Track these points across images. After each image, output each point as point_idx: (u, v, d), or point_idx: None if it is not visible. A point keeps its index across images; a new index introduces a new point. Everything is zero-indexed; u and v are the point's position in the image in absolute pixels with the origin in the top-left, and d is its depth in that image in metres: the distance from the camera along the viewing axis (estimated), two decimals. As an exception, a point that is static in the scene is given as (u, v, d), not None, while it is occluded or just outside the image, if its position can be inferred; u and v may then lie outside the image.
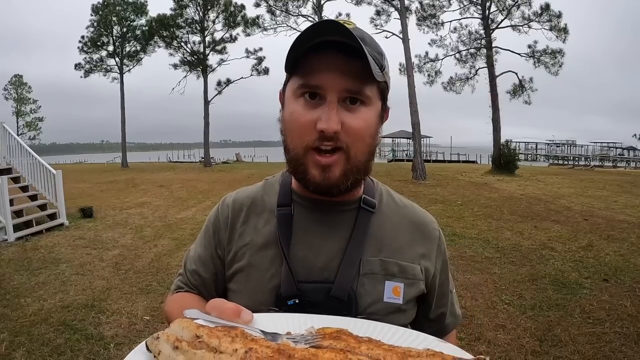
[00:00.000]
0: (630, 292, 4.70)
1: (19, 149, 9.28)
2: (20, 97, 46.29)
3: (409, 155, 37.34)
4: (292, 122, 0.80)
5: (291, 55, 0.76)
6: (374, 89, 0.79)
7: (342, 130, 0.76)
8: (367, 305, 0.83)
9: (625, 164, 40.27)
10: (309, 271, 0.84)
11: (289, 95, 0.82)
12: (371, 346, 0.59)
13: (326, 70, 0.75)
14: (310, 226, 0.88)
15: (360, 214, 0.89)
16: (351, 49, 0.73)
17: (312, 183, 0.80)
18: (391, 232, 0.91)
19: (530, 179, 18.01)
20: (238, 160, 40.65)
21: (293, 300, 0.81)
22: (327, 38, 0.73)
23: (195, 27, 30.36)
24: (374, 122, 0.81)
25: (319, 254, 0.86)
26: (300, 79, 0.78)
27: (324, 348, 0.59)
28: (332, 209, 0.89)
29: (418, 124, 18.81)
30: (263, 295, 0.85)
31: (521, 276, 5.27)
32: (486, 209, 10.08)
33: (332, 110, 0.75)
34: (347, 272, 0.83)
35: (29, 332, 3.86)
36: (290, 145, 0.81)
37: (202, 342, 0.57)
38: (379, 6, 23.41)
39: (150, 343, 0.60)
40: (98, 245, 7.12)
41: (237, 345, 0.56)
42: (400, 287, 0.86)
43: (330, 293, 0.82)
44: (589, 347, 3.50)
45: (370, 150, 0.83)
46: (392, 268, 0.87)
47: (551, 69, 23.70)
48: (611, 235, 7.26)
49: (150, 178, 20.01)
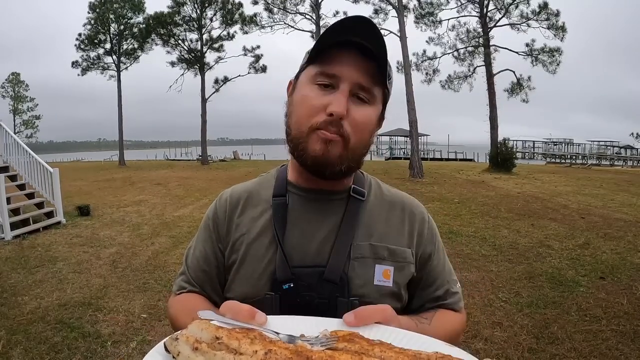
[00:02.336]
0: (626, 290, 4.72)
1: (16, 147, 9.25)
2: (18, 95, 46.13)
3: (407, 153, 37.43)
4: (303, 103, 0.86)
5: (319, 45, 0.83)
6: (379, 92, 0.87)
7: (347, 119, 0.83)
8: (358, 288, 0.87)
9: (622, 162, 40.37)
10: (303, 256, 0.89)
11: (303, 81, 0.88)
12: (383, 349, 0.61)
13: (345, 63, 0.82)
14: (303, 214, 0.93)
15: (350, 201, 0.94)
16: (370, 51, 0.80)
17: (312, 157, 0.85)
18: (380, 218, 0.96)
19: (527, 177, 18.04)
20: (235, 158, 40.59)
21: (288, 285, 0.86)
22: (355, 38, 0.80)
23: (192, 25, 30.27)
24: (374, 121, 0.89)
25: (312, 240, 0.90)
26: (319, 67, 0.84)
27: (339, 350, 0.60)
28: (324, 198, 0.94)
29: (415, 122, 18.82)
30: (260, 281, 0.88)
31: (518, 274, 5.29)
32: (483, 207, 10.10)
33: (344, 97, 0.82)
34: (339, 256, 0.88)
35: (26, 330, 3.85)
36: (295, 125, 0.87)
37: (222, 343, 0.58)
38: (377, 4, 23.39)
39: (169, 344, 0.60)
40: (95, 243, 7.11)
41: (256, 346, 0.57)
42: (390, 271, 0.91)
43: (323, 276, 0.86)
44: (585, 345, 3.51)
45: (367, 145, 0.89)
46: (382, 252, 0.91)
47: (549, 67, 23.75)
48: (608, 234, 7.28)
49: (147, 176, 19.98)
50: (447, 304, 0.99)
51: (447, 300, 0.99)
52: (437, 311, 0.96)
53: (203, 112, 30.89)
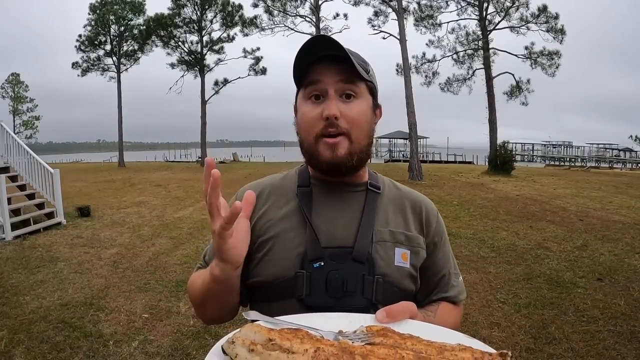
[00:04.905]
0: (624, 291, 4.76)
1: (16, 148, 9.28)
2: (17, 96, 46.12)
3: (406, 155, 37.43)
4: (304, 119, 0.97)
5: (297, 69, 0.96)
6: (362, 86, 0.97)
7: (342, 118, 0.93)
8: (381, 268, 0.95)
9: (621, 165, 40.43)
10: (330, 238, 0.96)
11: (300, 102, 1.00)
12: (414, 342, 0.68)
13: (324, 74, 0.94)
14: (327, 203, 1.02)
15: (369, 194, 1.04)
16: (340, 57, 0.91)
17: (324, 162, 0.95)
18: (395, 209, 1.05)
19: (526, 179, 18.09)
20: (235, 160, 40.60)
21: (319, 263, 0.92)
22: (323, 53, 0.92)
23: (192, 27, 30.34)
24: (367, 112, 0.98)
25: (337, 225, 0.98)
26: (306, 85, 0.97)
27: (377, 344, 0.66)
28: (344, 189, 1.03)
29: (415, 124, 18.87)
30: (290, 261, 0.94)
31: (516, 275, 5.32)
32: (482, 209, 10.14)
33: (332, 101, 0.93)
34: (364, 238, 0.96)
35: (28, 329, 3.88)
36: (304, 138, 0.99)
37: (275, 344, 0.64)
38: (377, 7, 23.45)
39: (227, 347, 0.66)
40: (96, 244, 7.14)
41: (306, 345, 0.62)
42: (407, 254, 1.00)
43: (352, 256, 0.94)
44: (582, 345, 3.54)
45: (369, 134, 0.99)
46: (400, 237, 1.01)
47: (548, 70, 23.81)
48: (606, 236, 7.32)
49: (147, 177, 20.01)
50: (449, 296, 1.07)
51: (448, 293, 1.07)
52: (440, 304, 1.05)
53: (203, 113, 30.93)
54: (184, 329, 3.93)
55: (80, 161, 52.56)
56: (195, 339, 3.72)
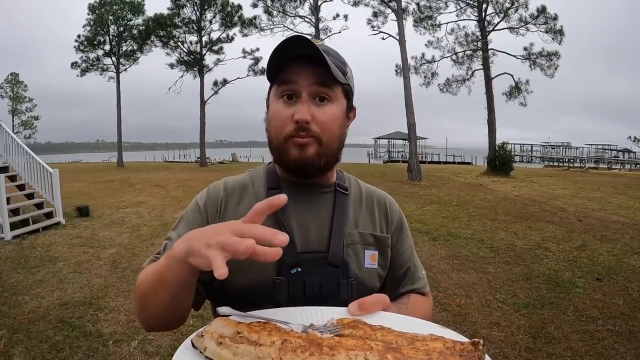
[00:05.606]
0: (623, 291, 4.77)
1: (15, 147, 9.26)
2: (16, 96, 46.07)
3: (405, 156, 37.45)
4: (274, 117, 0.96)
5: (272, 65, 0.93)
6: (338, 89, 0.95)
7: (313, 122, 0.92)
8: (353, 270, 0.98)
9: (620, 165, 40.48)
10: (304, 243, 0.97)
11: (272, 98, 0.98)
12: (384, 333, 0.68)
13: (299, 73, 0.92)
14: (298, 205, 1.00)
15: (337, 195, 1.04)
16: (317, 59, 0.89)
17: (292, 161, 0.94)
18: (362, 209, 1.07)
19: (525, 180, 18.11)
20: (234, 160, 40.62)
21: (296, 269, 0.92)
22: (300, 52, 0.90)
23: (192, 27, 30.35)
24: (340, 117, 0.97)
25: (309, 228, 0.99)
26: (280, 83, 0.95)
27: (346, 336, 0.66)
28: (314, 191, 1.03)
29: (414, 125, 18.89)
30: (266, 267, 0.91)
31: (515, 275, 5.33)
32: (481, 210, 10.15)
33: (304, 104, 0.91)
34: (337, 242, 0.97)
35: (27, 329, 3.87)
36: (273, 137, 0.97)
37: (243, 337, 0.64)
38: (376, 8, 23.46)
39: (196, 340, 0.66)
40: (95, 243, 7.14)
41: (274, 337, 0.63)
42: (375, 255, 1.03)
43: (327, 260, 0.95)
44: (581, 344, 3.55)
45: (339, 139, 0.98)
46: (369, 239, 1.04)
47: (547, 71, 23.84)
48: (605, 236, 7.33)
49: (146, 177, 19.99)
50: (416, 288, 1.10)
51: (416, 285, 1.10)
52: (410, 297, 1.07)
53: (202, 114, 30.92)
54: (183, 328, 3.91)
55: (79, 161, 52.55)
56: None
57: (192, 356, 0.66)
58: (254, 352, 0.61)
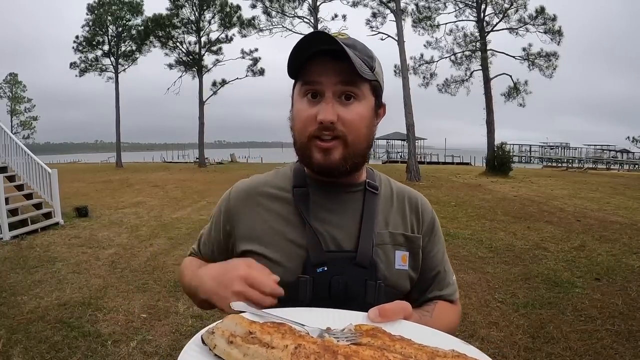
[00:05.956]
0: (621, 290, 4.77)
1: (14, 148, 9.25)
2: (15, 96, 45.99)
3: (404, 156, 37.46)
4: (297, 118, 0.93)
5: (293, 63, 0.89)
6: (365, 86, 0.91)
7: (339, 122, 0.88)
8: (383, 271, 0.95)
9: (618, 166, 40.54)
10: (331, 242, 0.95)
11: (295, 97, 0.95)
12: (404, 345, 0.65)
13: (323, 72, 0.88)
14: (325, 204, 0.98)
15: (367, 195, 1.01)
16: (342, 54, 0.84)
17: (316, 165, 0.92)
18: (393, 209, 1.04)
19: (524, 180, 18.13)
20: (232, 161, 40.61)
21: (322, 268, 0.91)
22: (323, 47, 0.86)
23: (191, 27, 30.34)
24: (367, 115, 0.92)
25: (337, 227, 0.96)
26: (303, 81, 0.91)
27: (363, 345, 0.64)
28: (341, 191, 1.00)
29: (412, 125, 18.90)
30: (291, 266, 0.93)
31: (514, 275, 5.33)
32: (480, 210, 10.16)
33: (329, 104, 0.88)
34: (366, 242, 0.94)
35: (26, 329, 3.87)
36: (297, 137, 0.95)
37: (255, 337, 0.62)
38: (375, 8, 23.49)
39: (206, 337, 0.65)
40: (94, 244, 7.13)
41: (287, 341, 0.61)
42: (406, 256, 0.99)
43: (355, 260, 0.92)
44: (580, 344, 3.55)
45: (367, 139, 0.94)
46: (399, 239, 1.00)
47: (545, 71, 23.87)
48: (603, 236, 7.34)
49: (145, 178, 19.98)
50: (444, 295, 1.05)
51: (444, 292, 1.05)
52: (436, 304, 1.02)
53: (200, 114, 30.92)
54: (182, 328, 3.93)
55: (77, 162, 52.45)
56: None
57: (201, 353, 0.64)
58: (265, 355, 0.59)
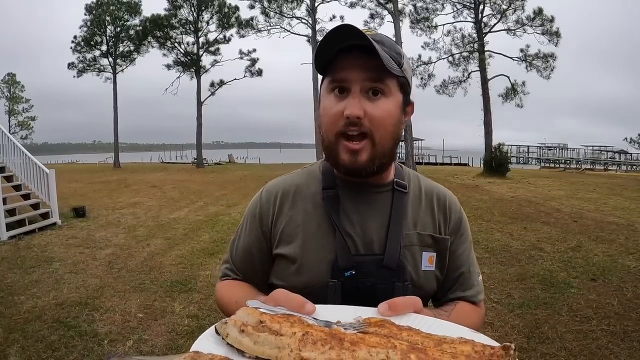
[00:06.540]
0: (617, 291, 4.79)
1: (12, 148, 9.24)
2: (13, 96, 45.89)
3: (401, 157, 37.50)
4: (325, 114, 0.92)
5: (320, 59, 0.89)
6: (393, 82, 0.90)
7: (366, 118, 0.87)
8: (410, 273, 0.95)
9: (616, 167, 40.63)
10: (360, 245, 0.95)
11: (323, 92, 0.94)
12: (411, 333, 0.66)
13: (350, 67, 0.87)
14: (354, 206, 0.98)
15: (395, 194, 1.00)
16: (370, 49, 0.83)
17: (343, 166, 0.91)
18: (421, 208, 1.03)
19: (521, 181, 18.15)
20: (230, 161, 40.61)
21: (350, 272, 0.91)
22: (351, 42, 0.85)
23: (189, 28, 30.37)
24: (394, 112, 0.91)
25: (365, 230, 0.96)
26: (330, 77, 0.91)
27: (370, 334, 0.65)
28: (371, 191, 1.00)
29: (410, 126, 18.96)
30: (320, 270, 0.93)
31: (510, 276, 5.35)
32: (477, 211, 10.18)
33: (355, 99, 0.87)
34: (394, 245, 0.94)
35: (23, 329, 3.87)
36: (324, 135, 0.94)
37: (265, 326, 0.65)
38: (373, 9, 23.54)
39: (219, 327, 0.67)
40: (91, 244, 7.13)
41: (295, 329, 0.63)
42: (433, 257, 0.99)
43: (383, 264, 0.93)
44: (575, 344, 3.56)
45: (394, 137, 0.93)
46: (427, 240, 0.99)
47: (543, 72, 23.94)
48: (600, 237, 7.35)
49: (142, 178, 19.97)
50: (466, 296, 1.03)
51: (467, 293, 1.04)
52: (457, 304, 1.01)
53: (199, 115, 30.93)
54: (178, 328, 3.94)
55: (75, 162, 52.41)
56: (189, 338, 3.71)
57: (215, 342, 0.67)
58: (274, 341, 0.61)
